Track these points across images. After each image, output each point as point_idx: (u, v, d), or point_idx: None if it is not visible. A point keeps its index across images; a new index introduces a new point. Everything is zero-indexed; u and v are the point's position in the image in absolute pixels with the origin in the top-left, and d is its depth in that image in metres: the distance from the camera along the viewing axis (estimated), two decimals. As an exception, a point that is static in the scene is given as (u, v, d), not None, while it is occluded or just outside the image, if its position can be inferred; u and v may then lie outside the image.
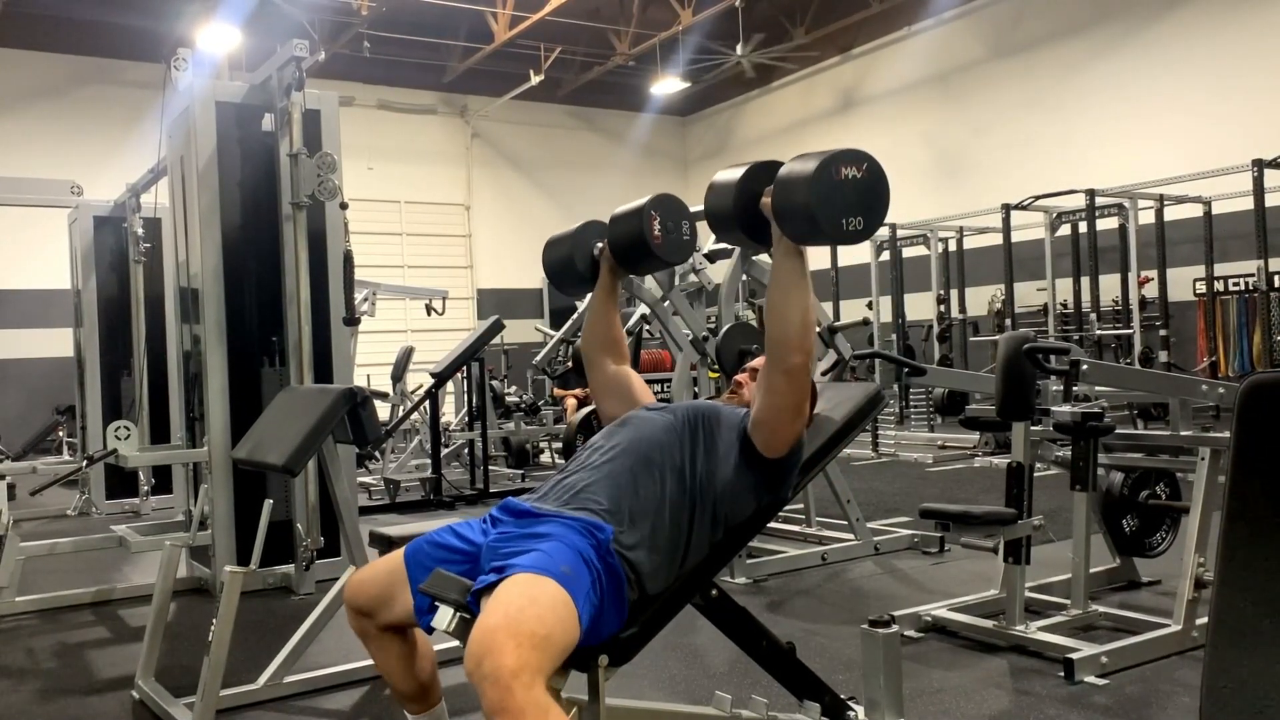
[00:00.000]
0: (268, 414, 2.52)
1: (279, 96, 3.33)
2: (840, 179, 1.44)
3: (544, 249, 1.98)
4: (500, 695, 1.17)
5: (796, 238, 1.50)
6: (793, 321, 1.49)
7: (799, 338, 1.50)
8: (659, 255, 1.81)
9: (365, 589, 1.56)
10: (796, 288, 1.50)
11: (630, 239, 1.81)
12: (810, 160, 1.45)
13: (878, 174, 1.48)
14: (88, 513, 5.38)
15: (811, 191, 1.41)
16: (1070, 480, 2.47)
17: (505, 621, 1.23)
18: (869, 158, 1.48)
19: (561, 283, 1.98)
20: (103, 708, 2.30)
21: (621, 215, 1.85)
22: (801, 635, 2.52)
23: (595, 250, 1.91)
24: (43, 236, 7.83)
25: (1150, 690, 2.12)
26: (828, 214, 1.43)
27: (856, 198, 1.44)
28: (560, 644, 1.27)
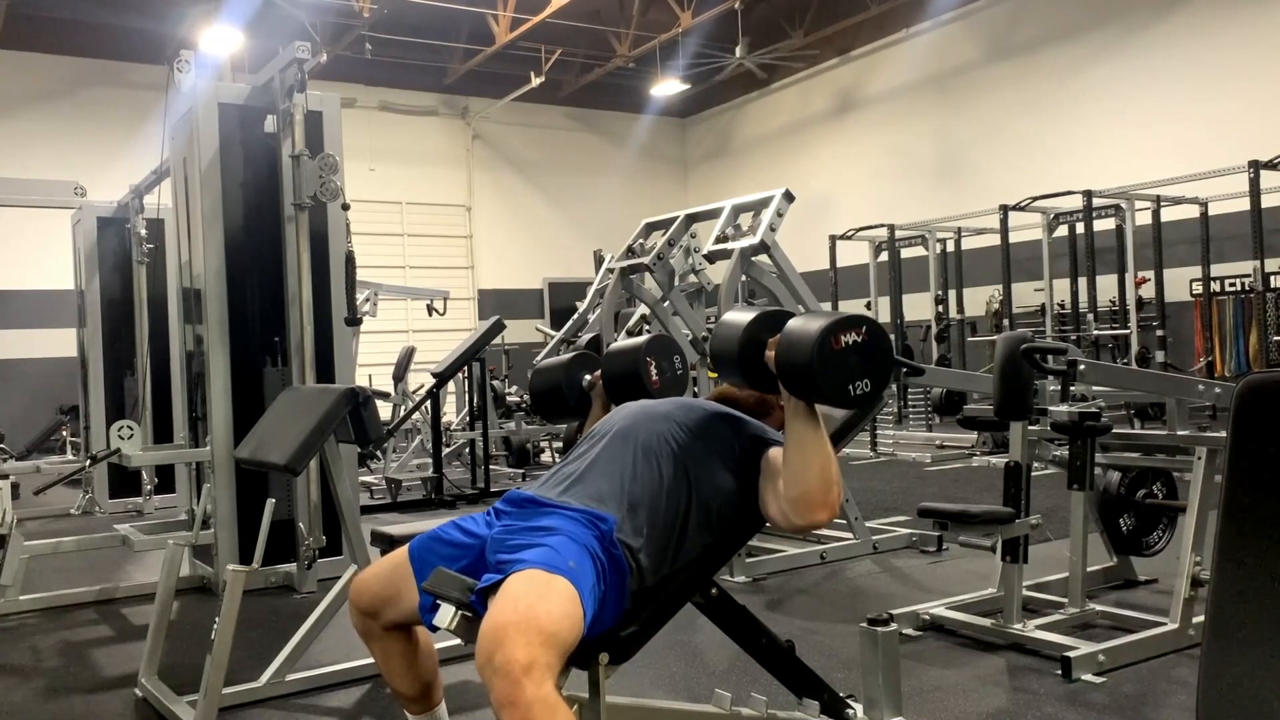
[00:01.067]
0: (270, 414, 2.52)
1: (281, 98, 3.34)
2: (840, 347, 1.43)
3: (532, 375, 2.03)
4: (510, 689, 1.18)
5: (804, 398, 1.48)
6: (812, 480, 1.47)
7: (821, 495, 1.47)
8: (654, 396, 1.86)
9: (369, 588, 1.57)
10: (811, 445, 1.47)
11: (627, 382, 1.86)
12: (811, 324, 1.45)
13: (878, 336, 1.48)
14: (91, 512, 5.39)
15: (815, 362, 1.41)
16: (1067, 480, 2.47)
17: (516, 617, 1.23)
18: (868, 321, 1.48)
19: (546, 409, 2.02)
20: (106, 706, 2.31)
21: (617, 354, 1.89)
22: (800, 633, 2.53)
23: (584, 383, 1.95)
24: (47, 237, 7.86)
25: (1147, 688, 2.13)
26: (834, 384, 1.43)
27: (859, 361, 1.44)
28: (568, 641, 1.28)
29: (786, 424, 1.51)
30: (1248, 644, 0.86)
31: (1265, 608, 0.85)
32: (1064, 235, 7.41)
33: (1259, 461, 0.87)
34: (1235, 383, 0.96)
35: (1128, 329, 7.05)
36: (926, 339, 8.19)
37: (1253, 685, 0.86)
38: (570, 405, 1.97)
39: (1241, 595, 0.87)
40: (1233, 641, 0.87)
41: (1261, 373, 0.91)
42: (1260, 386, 0.88)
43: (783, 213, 3.71)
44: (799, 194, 4.07)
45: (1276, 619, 0.85)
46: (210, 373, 3.34)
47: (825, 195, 10.74)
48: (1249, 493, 0.88)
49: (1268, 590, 0.85)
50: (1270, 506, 0.87)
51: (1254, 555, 0.87)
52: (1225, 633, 0.88)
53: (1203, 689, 0.88)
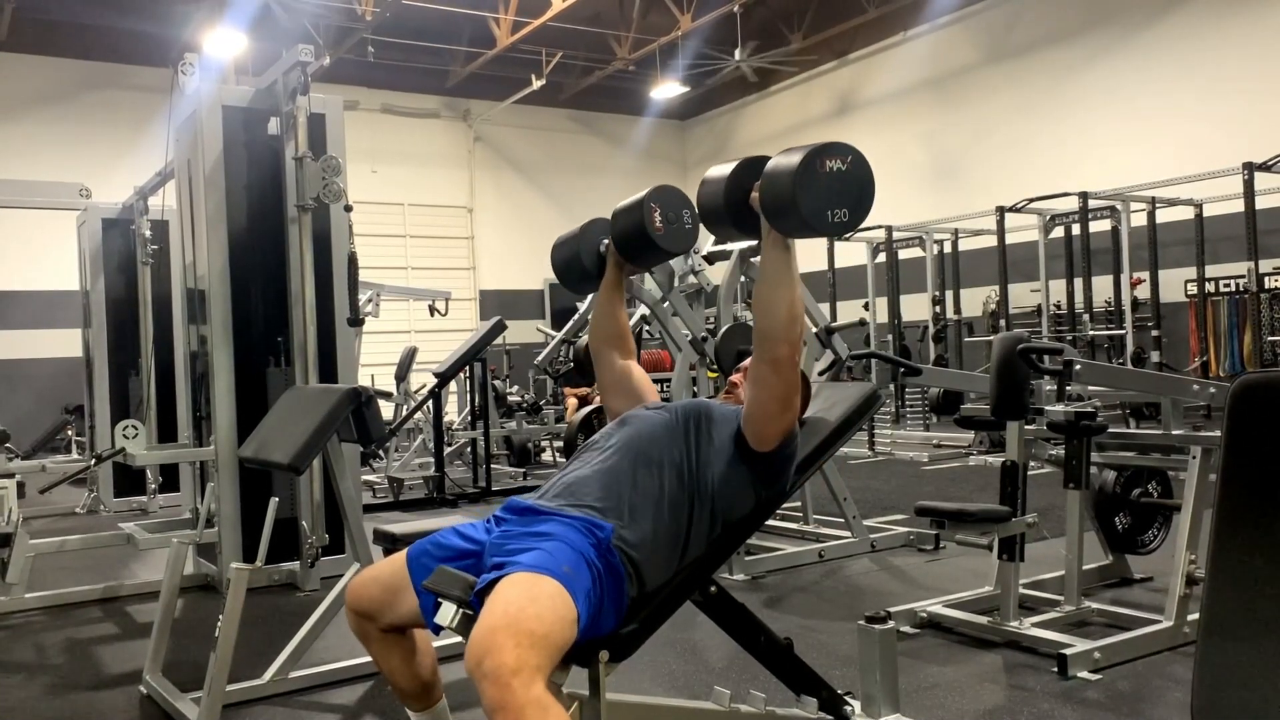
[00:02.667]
0: (273, 413, 2.53)
1: (285, 100, 3.36)
2: (825, 171, 1.44)
3: (552, 250, 2.00)
4: (500, 693, 1.18)
5: (783, 231, 1.50)
6: (779, 313, 1.51)
7: (785, 329, 1.51)
8: (661, 246, 1.82)
9: (367, 591, 1.57)
10: (783, 280, 1.51)
11: (633, 231, 1.83)
12: (795, 154, 1.46)
13: (862, 165, 1.48)
14: (96, 510, 5.41)
15: (796, 184, 1.42)
16: (1063, 478, 2.49)
17: (505, 621, 1.24)
18: (853, 150, 1.48)
19: (569, 281, 2.00)
20: (111, 703, 2.32)
21: (623, 209, 1.86)
22: (799, 631, 2.54)
23: (600, 247, 1.92)
24: (52, 238, 7.88)
25: (1142, 685, 2.14)
26: (812, 206, 1.44)
27: (841, 189, 1.45)
28: (559, 642, 1.28)
29: (762, 258, 1.55)
30: (1242, 641, 0.87)
31: (1260, 606, 0.86)
32: (1060, 236, 7.44)
33: (1253, 460, 0.88)
34: (1230, 383, 0.97)
35: (1123, 329, 7.08)
36: (924, 339, 8.21)
37: (1247, 682, 0.87)
38: (589, 271, 1.94)
39: (1236, 593, 0.88)
40: (1228, 639, 0.88)
41: (1256, 373, 0.92)
42: (1255, 386, 0.89)
43: (782, 214, 3.72)
44: (798, 195, 4.07)
45: (1271, 617, 0.86)
46: (214, 373, 3.36)
47: (824, 197, 10.78)
48: (1243, 491, 0.89)
49: (1262, 588, 0.86)
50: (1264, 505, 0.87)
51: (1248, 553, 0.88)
52: (1220, 630, 0.89)
53: (1197, 686, 0.89)
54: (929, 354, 8.00)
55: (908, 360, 4.49)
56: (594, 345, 1.94)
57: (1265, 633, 0.86)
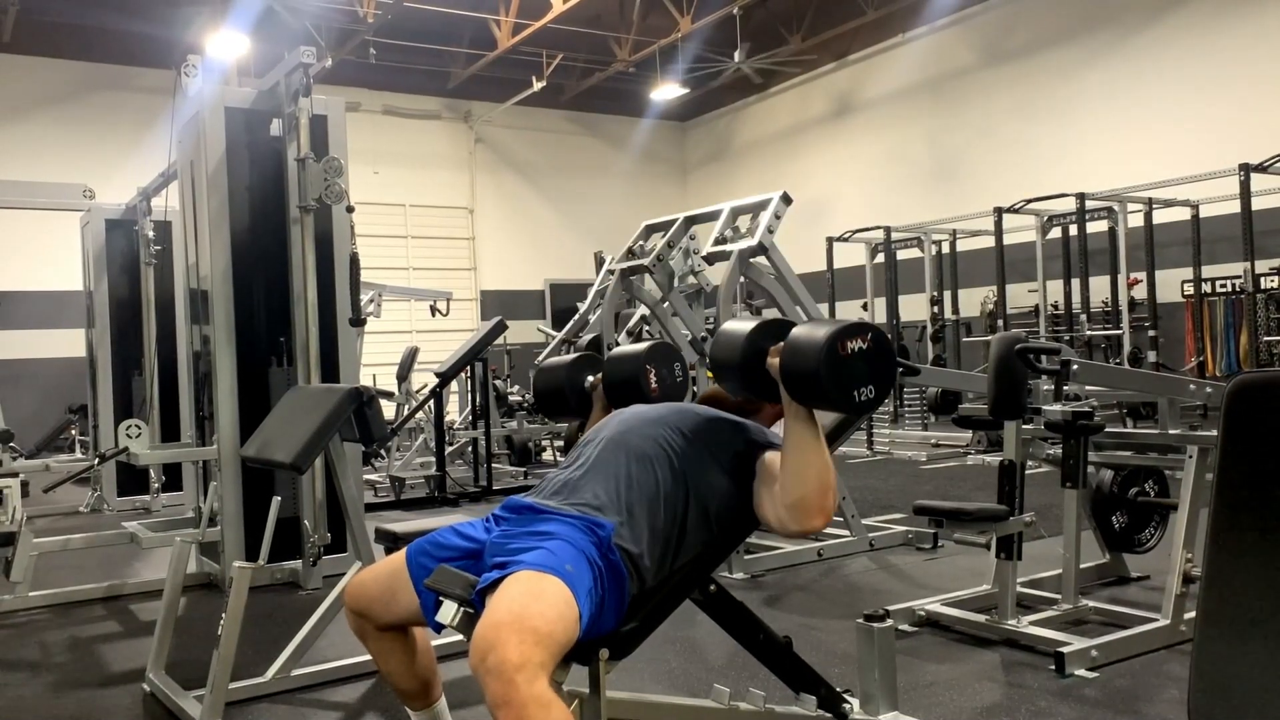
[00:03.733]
0: (275, 413, 2.54)
1: (287, 102, 3.37)
2: (848, 354, 1.45)
3: (536, 374, 2.05)
4: (504, 689, 1.19)
5: (807, 404, 1.50)
6: (810, 484, 1.49)
7: (818, 501, 1.49)
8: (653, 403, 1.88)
9: (366, 591, 1.58)
10: (810, 449, 1.49)
11: (627, 388, 1.89)
12: (817, 331, 1.47)
13: (882, 344, 1.50)
14: (100, 509, 5.42)
15: (823, 368, 1.43)
16: (1061, 478, 2.50)
17: (509, 617, 1.25)
18: (873, 329, 1.51)
19: (549, 408, 2.05)
20: (115, 700, 2.33)
21: (618, 360, 1.91)
22: (798, 629, 2.54)
23: (585, 384, 1.97)
24: (56, 239, 7.90)
25: (1139, 683, 2.14)
26: (838, 389, 1.45)
27: (864, 368, 1.47)
28: (562, 640, 1.29)
29: (786, 428, 1.52)
30: (1239, 639, 0.88)
31: (1256, 603, 0.88)
32: (1058, 237, 7.47)
33: (1250, 459, 0.90)
34: (1226, 382, 0.97)
35: (1120, 329, 7.10)
36: (922, 339, 8.23)
37: (1244, 679, 0.88)
38: (571, 406, 2.00)
39: (1232, 591, 0.90)
40: (1224, 637, 0.89)
41: (1252, 372, 0.94)
42: (1251, 386, 0.91)
43: (780, 215, 3.75)
44: (796, 196, 4.10)
45: (1267, 615, 0.87)
46: (217, 372, 3.37)
47: (822, 198, 10.78)
48: (1240, 490, 0.91)
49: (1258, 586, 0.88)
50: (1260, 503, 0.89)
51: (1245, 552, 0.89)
52: (1217, 628, 0.90)
53: (1194, 683, 0.90)
54: (927, 354, 8.02)
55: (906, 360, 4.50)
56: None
57: (1262, 630, 0.88)
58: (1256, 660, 0.87)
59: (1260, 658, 0.87)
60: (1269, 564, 0.88)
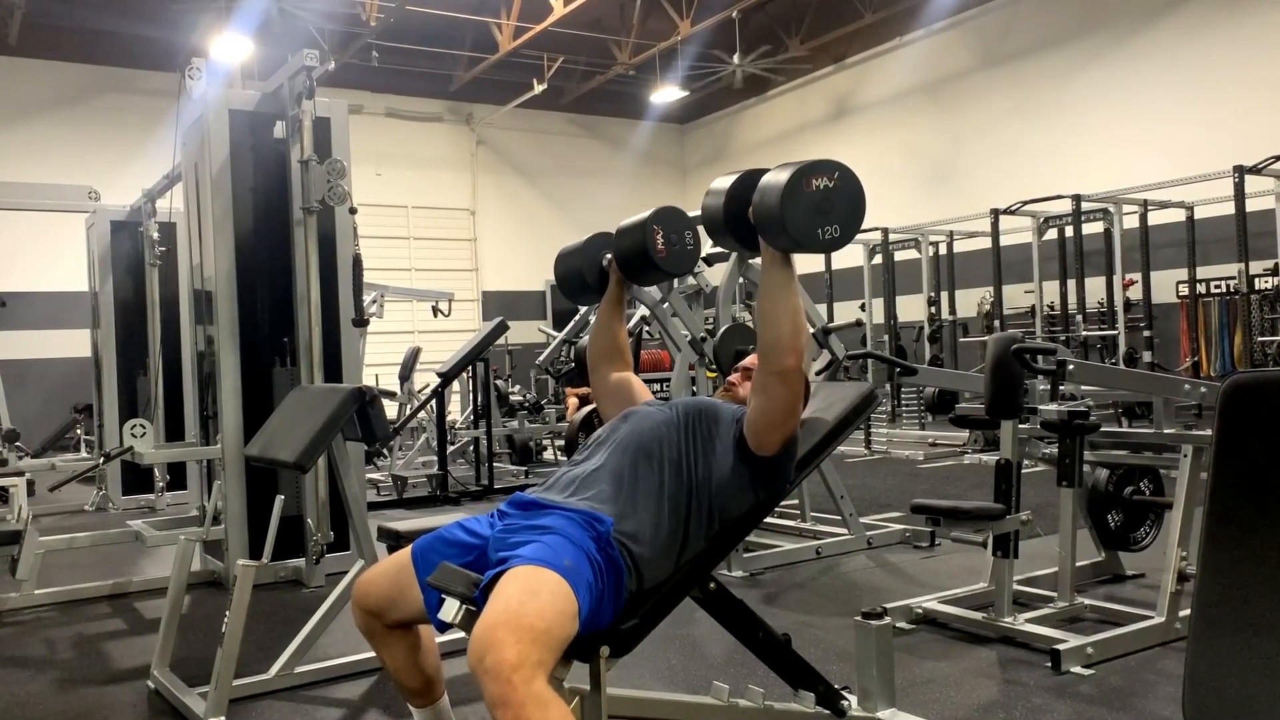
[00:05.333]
0: (279, 412, 2.56)
1: (290, 105, 3.39)
2: (811, 189, 1.44)
3: (555, 261, 2.01)
4: (501, 689, 1.19)
5: (777, 247, 1.52)
6: (783, 326, 1.52)
7: (790, 340, 1.52)
8: (663, 268, 1.84)
9: (374, 589, 1.58)
10: (784, 293, 1.52)
11: (635, 252, 1.83)
12: (783, 171, 1.46)
13: (849, 181, 1.48)
14: (105, 508, 5.44)
15: (784, 204, 1.43)
16: (1057, 477, 2.50)
17: (506, 617, 1.25)
18: (840, 167, 1.48)
19: (570, 291, 2.01)
20: (119, 697, 2.34)
21: (626, 229, 1.87)
22: (797, 627, 2.55)
23: (604, 261, 1.93)
24: (61, 240, 7.93)
25: (1134, 680, 2.15)
26: (801, 225, 1.44)
27: (830, 206, 1.46)
28: (560, 637, 1.29)
29: (762, 274, 1.56)
30: (1233, 637, 0.88)
31: (1250, 602, 0.88)
32: (1054, 238, 7.50)
33: (1244, 459, 0.90)
34: (1221, 382, 0.99)
35: (1116, 330, 7.12)
36: (919, 340, 8.25)
37: (1237, 677, 0.88)
38: (590, 284, 1.94)
39: (1227, 589, 0.90)
40: (1218, 634, 0.89)
41: (1246, 372, 0.94)
42: (1245, 386, 0.90)
43: (780, 216, 3.76)
44: (796, 198, 4.11)
45: (1261, 612, 0.87)
46: (221, 372, 3.39)
47: (821, 199, 10.83)
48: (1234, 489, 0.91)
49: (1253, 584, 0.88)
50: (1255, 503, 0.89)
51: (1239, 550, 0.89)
52: (1211, 626, 0.90)
53: (1188, 681, 0.90)
54: (924, 354, 8.03)
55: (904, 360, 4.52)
56: (592, 358, 1.95)
57: (1256, 628, 0.88)
58: (1251, 657, 0.88)
59: (1255, 655, 0.87)
60: (1263, 562, 0.89)
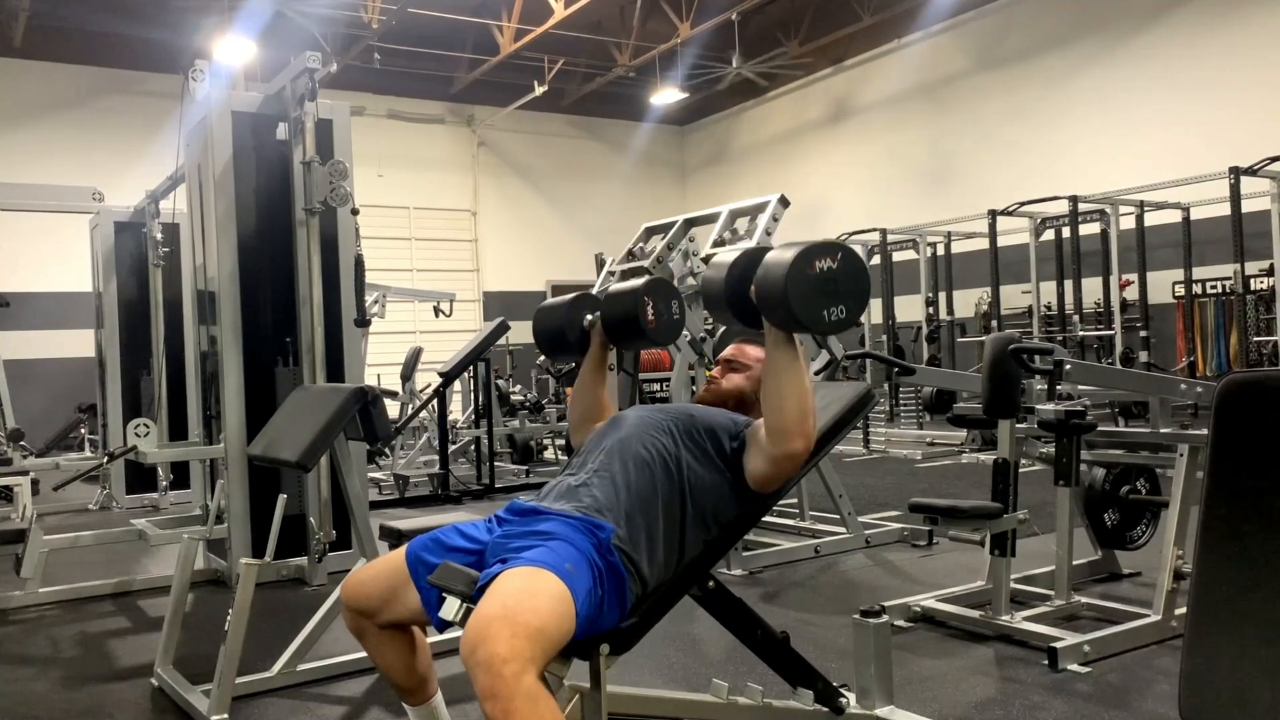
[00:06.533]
0: (282, 412, 2.57)
1: (293, 106, 3.41)
2: (815, 272, 1.43)
3: (535, 315, 2.00)
4: (491, 681, 1.19)
5: (783, 328, 1.50)
6: (789, 408, 1.50)
7: (798, 424, 1.50)
8: (652, 338, 1.86)
9: (365, 589, 1.57)
10: (789, 374, 1.50)
11: (624, 321, 1.85)
12: (786, 252, 1.45)
13: (853, 262, 1.48)
14: (108, 507, 5.47)
15: (789, 286, 1.42)
16: (1054, 476, 2.51)
17: (501, 611, 1.25)
18: (843, 248, 1.48)
19: (550, 349, 1.99)
20: (123, 695, 2.34)
21: (616, 296, 1.88)
22: (795, 625, 2.56)
23: (585, 323, 1.93)
24: (66, 241, 7.96)
25: (1131, 678, 2.16)
26: (807, 308, 1.43)
27: (835, 288, 1.45)
28: (554, 637, 1.28)
29: (767, 354, 1.54)
30: (1228, 634, 0.89)
31: (1245, 599, 0.89)
32: (1051, 239, 7.52)
33: (1239, 458, 0.91)
34: (1216, 382, 0.99)
35: (1112, 330, 7.14)
36: (917, 340, 8.27)
37: (1233, 674, 0.89)
38: (571, 343, 1.93)
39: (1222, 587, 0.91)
40: (1214, 632, 0.90)
41: (1242, 372, 0.95)
42: (1241, 386, 0.92)
43: (778, 217, 3.79)
44: (794, 199, 4.14)
45: (1256, 610, 0.88)
46: (224, 372, 3.41)
47: (819, 200, 10.82)
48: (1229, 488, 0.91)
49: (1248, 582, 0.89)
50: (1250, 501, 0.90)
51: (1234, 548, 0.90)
52: (1206, 624, 0.91)
53: (1184, 678, 0.91)
54: (922, 354, 8.05)
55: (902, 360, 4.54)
56: (575, 420, 1.92)
57: (1250, 626, 0.89)
58: (1246, 655, 0.88)
59: (1250, 653, 0.88)
60: (1259, 560, 0.89)
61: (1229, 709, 0.90)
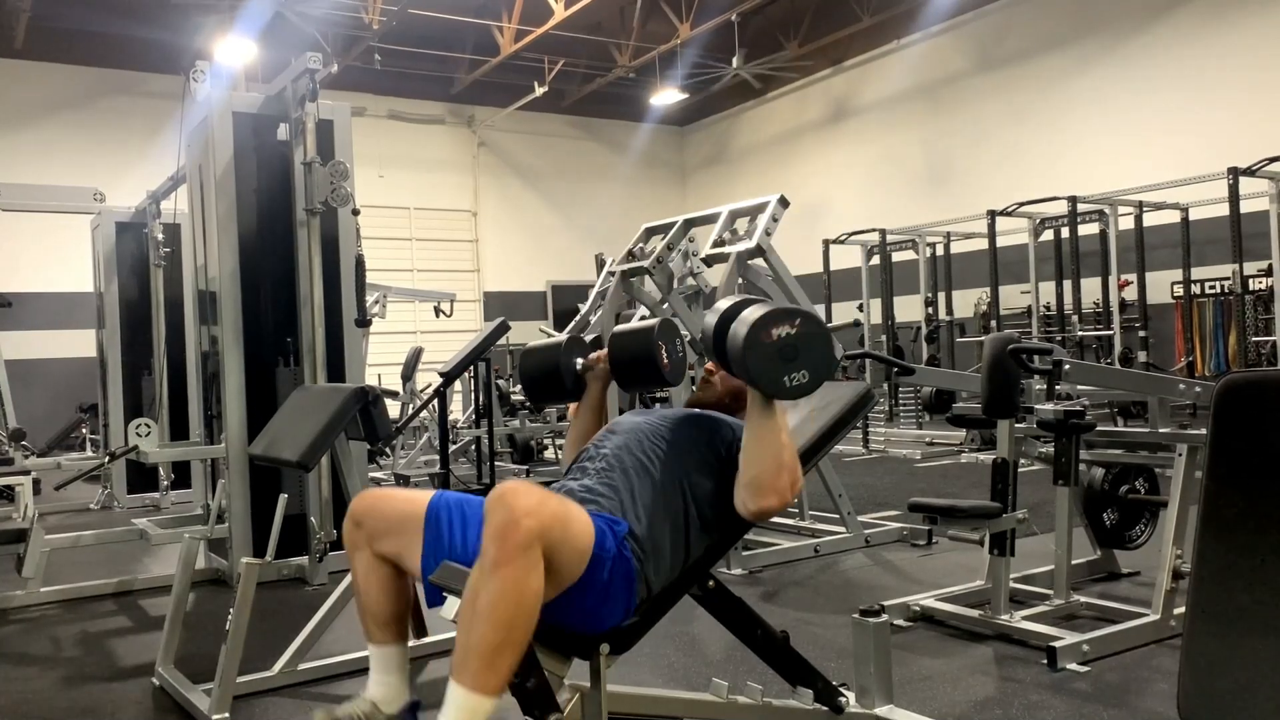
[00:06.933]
0: (282, 412, 2.59)
1: (293, 107, 3.42)
2: (772, 339, 1.44)
3: (524, 357, 1.93)
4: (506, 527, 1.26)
5: (753, 388, 1.51)
6: (765, 465, 1.50)
7: (771, 480, 1.50)
8: (668, 380, 1.85)
9: (378, 509, 1.57)
10: (763, 433, 1.50)
11: (638, 363, 1.82)
12: (752, 314, 1.46)
13: (812, 326, 1.47)
14: (110, 507, 5.47)
15: (745, 354, 1.43)
16: (1053, 475, 2.51)
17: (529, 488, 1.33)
18: (801, 313, 1.48)
19: (539, 393, 1.93)
20: (124, 694, 2.35)
21: (627, 339, 1.85)
22: (795, 624, 2.57)
23: (577, 366, 1.89)
24: (67, 241, 7.96)
25: (1130, 677, 2.16)
26: (765, 375, 1.44)
27: (795, 354, 1.45)
28: (573, 531, 1.35)
29: (746, 411, 1.55)
30: (1226, 633, 0.91)
31: (1243, 598, 0.90)
32: (1050, 239, 7.52)
33: (1237, 457, 0.92)
34: (1215, 382, 1.00)
35: (1111, 330, 7.14)
36: (917, 340, 8.27)
37: (1231, 672, 0.91)
38: (568, 390, 1.89)
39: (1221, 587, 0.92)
40: (1212, 631, 0.92)
41: (1240, 373, 0.96)
42: (1239, 386, 0.93)
43: (778, 218, 3.79)
44: (793, 199, 4.14)
45: (1254, 609, 0.90)
46: (225, 372, 3.42)
47: (819, 201, 10.82)
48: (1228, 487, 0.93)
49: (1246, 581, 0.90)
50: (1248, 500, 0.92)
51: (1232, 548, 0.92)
52: (1206, 623, 0.93)
53: (1184, 677, 0.92)
54: (922, 354, 8.06)
55: (901, 360, 4.54)
56: (569, 460, 1.84)
57: (1248, 625, 0.90)
58: (1245, 654, 0.89)
59: (1248, 651, 0.89)
60: (1257, 559, 0.90)
61: (1228, 707, 0.92)
